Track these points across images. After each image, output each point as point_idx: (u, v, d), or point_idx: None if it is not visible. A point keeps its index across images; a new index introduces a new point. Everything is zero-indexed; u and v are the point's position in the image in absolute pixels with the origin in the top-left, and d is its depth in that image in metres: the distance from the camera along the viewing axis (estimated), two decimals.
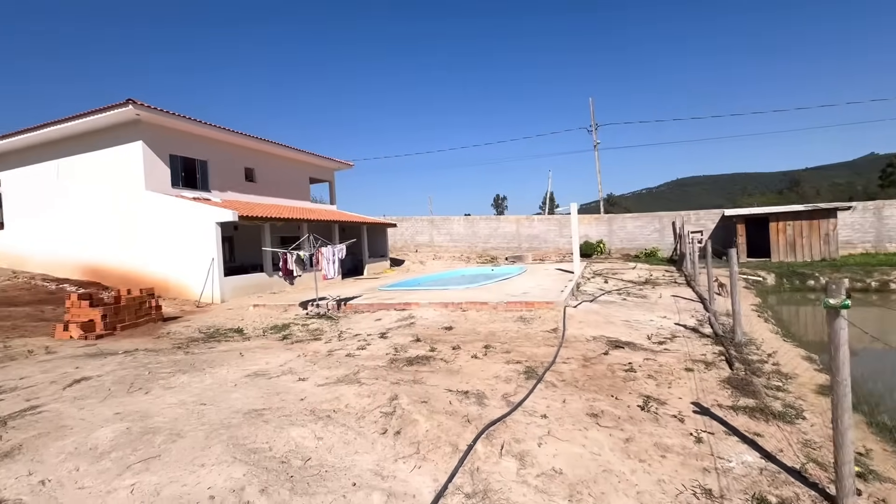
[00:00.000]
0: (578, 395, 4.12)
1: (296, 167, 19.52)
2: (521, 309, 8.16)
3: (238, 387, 4.53)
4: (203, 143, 14.75)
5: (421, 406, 3.79)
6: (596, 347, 5.80)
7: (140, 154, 12.73)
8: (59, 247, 14.61)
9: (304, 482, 2.67)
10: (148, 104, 12.16)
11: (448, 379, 4.61)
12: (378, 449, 3.12)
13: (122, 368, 5.43)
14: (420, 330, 7.14)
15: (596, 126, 29.71)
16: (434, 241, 26.66)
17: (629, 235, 23.86)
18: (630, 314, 8.06)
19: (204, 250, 12.07)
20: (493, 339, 6.40)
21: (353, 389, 4.24)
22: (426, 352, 5.74)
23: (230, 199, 15.41)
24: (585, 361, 5.18)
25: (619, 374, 4.67)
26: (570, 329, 6.78)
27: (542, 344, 6.03)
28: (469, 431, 3.35)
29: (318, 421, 3.52)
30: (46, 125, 13.27)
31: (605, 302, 9.36)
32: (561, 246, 24.82)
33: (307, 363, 5.40)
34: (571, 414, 3.69)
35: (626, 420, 3.55)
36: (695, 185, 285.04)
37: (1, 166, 15.74)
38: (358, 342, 6.50)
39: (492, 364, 5.15)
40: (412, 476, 2.78)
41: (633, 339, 6.23)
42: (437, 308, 8.65)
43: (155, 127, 13.09)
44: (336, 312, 9.18)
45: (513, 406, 3.79)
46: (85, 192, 14.00)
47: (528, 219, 25.99)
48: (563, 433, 3.34)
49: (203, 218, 12.14)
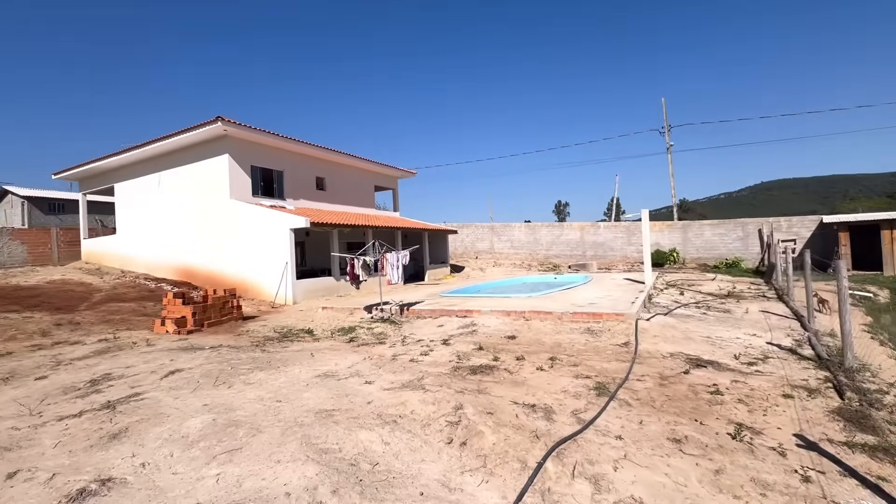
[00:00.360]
0: (657, 416, 3.81)
1: (362, 176, 20.35)
2: (589, 320, 7.79)
3: (309, 386, 4.73)
4: (280, 155, 15.86)
5: (486, 417, 3.70)
6: (674, 365, 5.36)
7: (226, 166, 13.94)
8: (158, 250, 16.38)
9: (372, 487, 2.69)
10: (234, 120, 13.31)
11: (513, 390, 4.48)
12: (444, 459, 3.08)
13: (208, 362, 5.90)
14: (482, 338, 7.05)
15: (669, 127, 27.95)
16: (494, 248, 26.46)
17: (707, 244, 22.07)
18: (711, 330, 7.39)
19: (279, 254, 12.90)
20: (558, 350, 6.15)
21: (417, 396, 4.25)
22: (489, 361, 5.64)
23: (302, 206, 16.39)
24: (663, 380, 4.79)
25: (702, 397, 4.26)
26: (643, 344, 6.34)
27: (613, 358, 5.69)
28: (538, 448, 3.21)
29: (385, 426, 3.56)
30: (150, 142, 14.99)
31: (682, 315, 8.67)
32: (629, 254, 23.54)
33: (373, 366, 5.52)
34: (650, 437, 3.41)
35: (714, 449, 3.21)
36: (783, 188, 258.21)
37: (115, 179, 18.02)
38: (421, 348, 6.55)
39: (558, 377, 4.93)
40: (479, 491, 2.70)
41: (717, 357, 5.68)
42: (499, 316, 8.51)
43: (239, 141, 14.30)
44: (399, 317, 9.36)
45: (584, 424, 3.58)
46: (179, 201, 15.59)
47: (594, 225, 24.96)
48: (642, 458, 3.09)
49: (279, 224, 13.00)
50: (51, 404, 4.39)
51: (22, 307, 10.80)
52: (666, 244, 22.69)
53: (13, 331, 8.42)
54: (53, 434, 3.60)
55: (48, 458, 3.15)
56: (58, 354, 6.75)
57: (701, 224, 23.02)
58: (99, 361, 6.23)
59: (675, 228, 22.95)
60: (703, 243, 22.17)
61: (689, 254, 22.32)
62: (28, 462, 3.10)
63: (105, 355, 6.64)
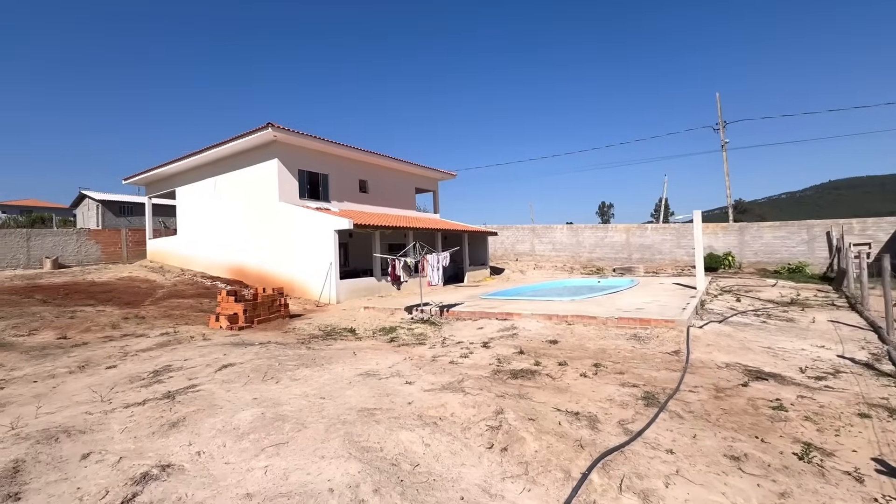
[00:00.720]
0: (712, 431, 3.57)
1: (403, 178, 20.65)
2: (636, 326, 7.46)
3: (352, 384, 4.83)
4: (325, 159, 16.39)
5: (528, 423, 3.62)
6: (730, 376, 5.02)
7: (275, 170, 14.59)
8: (213, 250, 17.39)
9: (413, 488, 2.69)
10: (283, 126, 13.90)
11: (555, 397, 4.36)
12: (484, 464, 3.03)
13: (258, 358, 6.17)
14: (523, 342, 6.93)
15: (724, 123, 26.39)
16: (535, 250, 26.02)
17: (766, 247, 20.62)
18: (773, 340, 6.87)
19: (323, 255, 13.33)
20: (603, 357, 5.93)
21: (457, 398, 4.23)
22: (530, 365, 5.53)
23: (346, 208, 16.85)
24: (718, 392, 4.50)
25: (764, 412, 3.96)
26: (695, 352, 5.99)
27: (662, 367, 5.41)
28: (582, 458, 3.09)
29: (426, 427, 3.56)
30: (206, 149, 15.95)
31: (739, 324, 8.12)
32: (678, 258, 22.42)
33: (413, 367, 5.56)
34: (704, 453, 3.20)
35: (778, 470, 2.96)
36: (853, 187, 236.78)
37: (176, 183, 19.32)
38: (461, 350, 6.53)
39: (603, 385, 4.75)
40: (521, 499, 2.64)
41: (780, 370, 5.27)
42: (540, 320, 8.34)
43: (287, 146, 14.92)
44: (439, 318, 9.39)
45: (632, 435, 3.42)
46: (232, 204, 16.48)
47: (640, 227, 23.97)
48: (696, 475, 2.90)
49: (323, 226, 13.43)
50: (119, 392, 4.75)
51: (96, 301, 11.80)
52: (720, 247, 21.40)
53: (89, 323, 9.20)
54: (121, 420, 3.88)
55: (116, 443, 3.40)
56: (125, 346, 7.30)
57: (760, 226, 21.52)
58: (160, 354, 6.68)
59: (730, 230, 21.61)
60: (763, 247, 20.73)
61: (746, 258, 20.93)
62: (99, 445, 3.36)
63: (166, 348, 7.11)
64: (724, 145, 26.51)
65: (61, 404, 4.40)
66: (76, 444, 3.37)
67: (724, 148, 26.57)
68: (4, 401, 4.59)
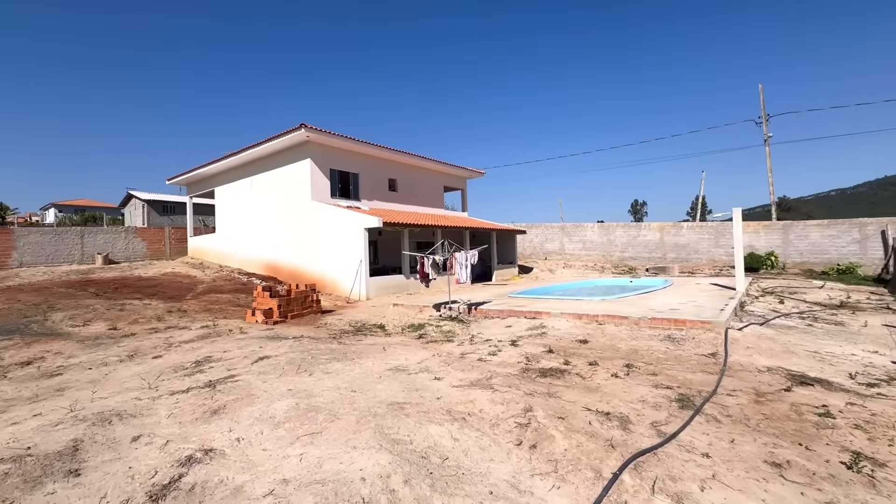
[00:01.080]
0: (751, 436, 3.44)
1: (432, 177, 20.77)
2: (670, 327, 7.25)
3: (382, 379, 4.92)
4: (355, 158, 16.70)
5: (558, 422, 3.59)
6: (772, 381, 4.81)
7: (308, 170, 14.99)
8: (249, 247, 18.05)
9: (442, 481, 2.73)
10: (316, 126, 14.26)
11: (585, 396, 4.30)
12: (513, 460, 3.04)
13: (292, 351, 6.37)
14: (552, 341, 6.86)
15: (767, 117, 25.13)
16: (565, 249, 25.62)
17: (813, 247, 19.52)
18: (819, 344, 6.51)
19: (354, 252, 13.60)
20: (635, 357, 5.80)
21: (486, 395, 4.24)
22: (560, 364, 5.47)
23: (375, 207, 17.11)
24: (758, 396, 4.32)
25: (808, 419, 3.77)
26: (734, 355, 5.76)
27: (698, 369, 5.24)
28: (613, 458, 3.05)
29: (455, 422, 3.60)
30: (243, 150, 16.56)
31: (782, 327, 7.75)
32: (716, 257, 21.56)
33: (441, 363, 5.61)
34: (743, 458, 3.09)
35: (825, 479, 2.83)
36: None
37: (215, 183, 20.16)
38: (489, 347, 6.53)
39: (635, 385, 4.65)
40: (550, 496, 2.63)
41: (827, 375, 4.99)
42: (569, 319, 8.22)
43: (319, 146, 15.29)
44: (467, 316, 9.41)
45: (666, 437, 3.33)
46: (267, 203, 17.04)
47: (675, 226, 23.18)
48: (734, 480, 2.81)
49: (354, 224, 13.70)
50: (164, 380, 5.02)
51: (143, 295, 12.48)
52: (762, 247, 20.43)
53: (136, 315, 9.75)
54: (167, 406, 4.11)
55: (163, 427, 3.61)
56: (169, 337, 7.70)
57: (806, 224, 20.38)
58: (202, 345, 7.01)
59: (773, 229, 20.58)
60: (809, 246, 19.64)
61: (791, 258, 19.89)
62: (148, 429, 3.58)
63: (206, 340, 7.45)
64: (767, 140, 25.25)
65: (113, 390, 4.70)
66: (127, 427, 3.60)
67: (766, 143, 25.32)
68: (64, 385, 4.95)
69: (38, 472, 2.87)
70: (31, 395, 4.67)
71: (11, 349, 6.87)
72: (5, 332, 7.94)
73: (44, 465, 2.95)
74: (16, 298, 11.29)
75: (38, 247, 18.81)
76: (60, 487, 2.69)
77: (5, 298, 11.29)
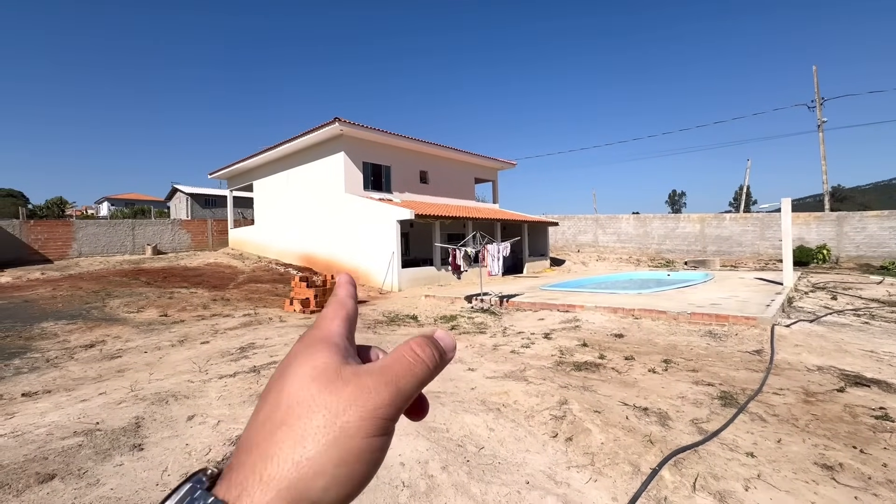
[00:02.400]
0: (800, 436, 3.30)
1: (463, 168, 20.73)
2: (711, 322, 7.00)
3: None
4: (387, 151, 16.88)
5: (594, 415, 3.57)
6: (823, 380, 4.58)
7: (342, 163, 15.29)
8: (286, 239, 18.66)
9: (479, 468, 2.79)
10: (349, 120, 14.50)
11: (622, 391, 4.24)
12: (549, 452, 3.05)
13: None
14: (586, 334, 6.78)
15: (821, 101, 23.52)
16: (598, 241, 25.06)
17: (871, 240, 18.25)
18: (876, 343, 6.13)
19: (386, 244, 13.82)
20: (674, 353, 5.65)
21: (520, 387, 4.26)
22: (595, 358, 5.40)
23: (407, 199, 17.28)
24: (808, 396, 4.13)
25: (864, 421, 3.58)
26: (781, 353, 5.51)
27: (742, 367, 5.05)
28: (652, 454, 3.01)
29: (489, 412, 3.64)
30: (279, 144, 17.06)
31: (834, 324, 7.33)
32: (761, 251, 20.53)
33: (475, 355, 5.66)
34: (791, 459, 2.98)
35: (881, 484, 2.69)
36: None
37: (254, 177, 20.90)
38: (522, 340, 6.52)
39: (674, 382, 4.54)
40: (587, 488, 2.64)
41: (885, 376, 4.70)
42: (604, 313, 8.08)
43: (352, 139, 15.55)
44: (499, 308, 9.41)
45: (708, 435, 3.26)
46: (303, 196, 17.53)
47: (717, 217, 22.19)
48: (780, 481, 2.72)
49: (386, 216, 13.90)
50: (213, 364, 5.32)
51: (189, 284, 13.18)
52: (812, 239, 19.28)
53: (184, 303, 10.32)
54: (216, 389, 4.36)
55: (214, 408, 3.84)
56: (215, 324, 8.12)
57: (863, 215, 19.04)
58: (244, 332, 7.35)
59: (825, 221, 19.36)
60: (866, 239, 18.37)
61: (846, 251, 18.68)
62: (201, 409, 3.82)
63: (248, 327, 7.81)
64: (821, 125, 23.65)
65: (168, 372, 5.02)
66: (182, 407, 3.86)
67: (820, 128, 23.72)
68: (123, 367, 5.33)
69: (106, 445, 3.13)
70: (95, 374, 5.07)
71: (76, 332, 7.44)
72: (70, 317, 8.60)
73: (111, 439, 3.22)
74: (77, 286, 12.18)
75: (94, 238, 20.15)
76: (127, 460, 2.93)
77: (68, 286, 12.19)
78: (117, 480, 2.70)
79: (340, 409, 0.29)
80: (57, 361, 5.70)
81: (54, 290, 11.58)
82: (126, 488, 2.62)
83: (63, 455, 3.00)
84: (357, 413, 0.29)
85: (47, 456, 2.99)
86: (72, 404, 4.01)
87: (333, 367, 0.32)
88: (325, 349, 0.33)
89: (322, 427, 0.28)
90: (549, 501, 2.48)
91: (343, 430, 0.29)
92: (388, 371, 0.32)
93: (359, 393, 0.30)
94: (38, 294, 11.04)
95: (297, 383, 0.31)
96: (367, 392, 0.31)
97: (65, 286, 12.15)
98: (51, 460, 2.93)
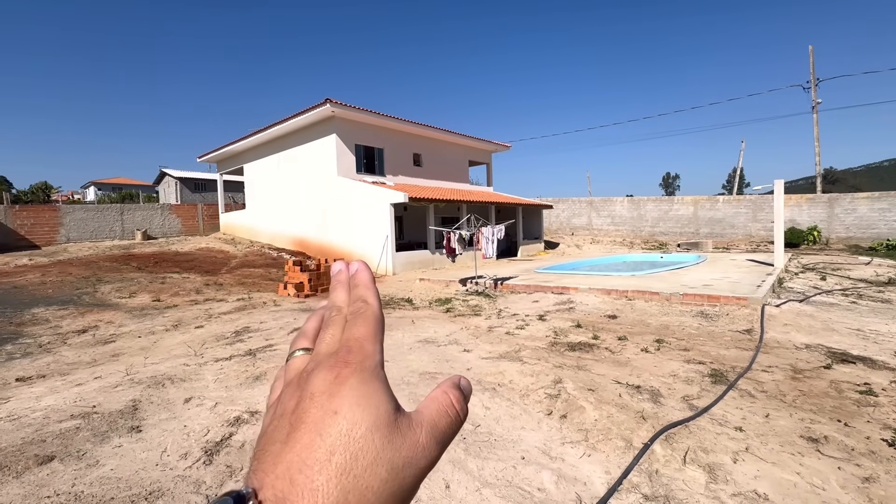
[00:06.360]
0: (787, 411, 3.39)
1: (457, 151, 20.55)
2: (703, 303, 7.10)
3: (412, 350, 5.06)
4: (380, 133, 16.66)
5: (587, 393, 3.64)
6: (810, 358, 4.68)
7: (334, 145, 15.08)
8: (278, 223, 18.50)
9: (476, 446, 2.84)
10: (340, 101, 14.24)
11: (615, 370, 4.31)
12: (544, 429, 3.11)
13: None
14: (580, 316, 6.85)
15: (817, 81, 23.45)
16: (592, 224, 25.14)
17: (861, 221, 18.49)
18: (862, 322, 6.26)
19: (380, 228, 13.76)
20: (666, 333, 5.74)
21: (515, 367, 4.32)
22: (588, 339, 5.48)
23: (401, 182, 17.14)
24: (795, 373, 4.23)
25: (849, 396, 3.68)
26: (770, 332, 5.62)
27: (732, 346, 5.15)
28: (644, 429, 3.08)
29: (485, 392, 3.69)
30: (269, 126, 16.76)
31: (823, 304, 7.46)
32: (753, 233, 20.74)
33: (470, 336, 5.71)
34: (778, 433, 3.06)
35: (864, 454, 2.78)
36: None
37: (244, 160, 20.58)
38: (516, 321, 6.58)
39: (666, 360, 4.62)
40: (581, 462, 2.70)
41: (870, 353, 4.82)
42: (598, 294, 8.16)
43: (344, 121, 15.30)
44: (493, 291, 9.47)
45: (698, 410, 3.33)
46: (294, 179, 17.32)
47: (710, 199, 22.31)
48: (767, 453, 2.80)
49: (380, 200, 13.80)
50: (208, 348, 5.32)
51: (181, 269, 13.08)
52: (804, 221, 19.49)
53: (177, 288, 10.26)
54: (212, 372, 4.37)
55: (211, 391, 3.86)
56: (209, 309, 8.09)
57: (854, 197, 19.24)
58: (239, 317, 7.34)
59: (817, 203, 19.55)
60: (856, 220, 18.60)
61: (836, 233, 18.92)
62: (197, 392, 3.83)
63: (243, 312, 7.79)
64: (816, 106, 23.64)
65: (163, 356, 5.02)
66: (179, 390, 3.87)
67: (814, 109, 23.71)
68: (118, 351, 5.32)
69: (104, 427, 3.14)
70: (89, 359, 5.05)
71: (68, 318, 7.39)
72: (61, 303, 8.53)
73: (109, 421, 3.22)
74: (67, 272, 12.04)
75: (82, 223, 19.84)
76: (125, 441, 2.94)
77: (58, 271, 12.06)
78: (117, 461, 2.72)
79: (400, 466, 0.30)
80: (50, 347, 5.67)
81: (43, 275, 11.44)
82: (126, 468, 2.64)
83: (61, 437, 3.00)
84: (412, 472, 0.30)
85: (45, 439, 2.99)
86: (67, 388, 4.00)
87: (391, 415, 0.31)
88: (381, 390, 0.32)
89: (386, 482, 0.29)
90: (545, 475, 2.53)
91: (400, 486, 0.29)
92: (436, 429, 0.33)
93: (415, 450, 0.31)
94: (27, 280, 10.90)
95: (360, 431, 0.30)
96: (423, 450, 0.31)
97: (54, 272, 12.01)
98: (49, 443, 2.94)
